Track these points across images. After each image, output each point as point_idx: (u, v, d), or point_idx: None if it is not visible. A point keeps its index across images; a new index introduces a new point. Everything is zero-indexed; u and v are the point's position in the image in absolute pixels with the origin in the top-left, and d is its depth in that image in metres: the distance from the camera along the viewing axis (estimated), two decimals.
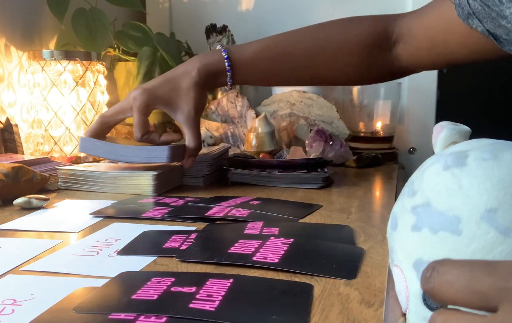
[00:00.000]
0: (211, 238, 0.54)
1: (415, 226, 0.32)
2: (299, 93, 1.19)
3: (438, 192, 0.31)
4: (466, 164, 0.31)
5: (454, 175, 0.31)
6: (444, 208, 0.31)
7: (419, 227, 0.32)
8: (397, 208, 0.36)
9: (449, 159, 0.32)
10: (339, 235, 0.56)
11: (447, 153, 0.33)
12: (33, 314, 0.35)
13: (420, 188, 0.33)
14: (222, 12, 1.45)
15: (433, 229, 0.31)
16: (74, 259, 0.48)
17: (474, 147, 0.32)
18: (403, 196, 0.36)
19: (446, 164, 0.32)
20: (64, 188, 0.83)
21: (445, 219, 0.30)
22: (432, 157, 0.35)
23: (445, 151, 0.34)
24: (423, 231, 0.32)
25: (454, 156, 0.32)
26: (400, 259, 0.34)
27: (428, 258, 0.31)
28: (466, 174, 0.31)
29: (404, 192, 0.36)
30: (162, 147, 0.78)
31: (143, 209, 0.67)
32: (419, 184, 0.34)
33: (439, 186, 0.32)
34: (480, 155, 0.31)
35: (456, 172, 0.31)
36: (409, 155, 1.35)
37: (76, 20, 1.10)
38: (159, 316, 0.34)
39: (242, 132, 1.20)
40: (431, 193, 0.32)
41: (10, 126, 0.99)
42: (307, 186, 0.84)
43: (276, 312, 0.35)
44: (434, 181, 0.32)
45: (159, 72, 1.16)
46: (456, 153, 0.32)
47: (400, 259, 0.34)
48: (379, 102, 1.20)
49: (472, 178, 0.30)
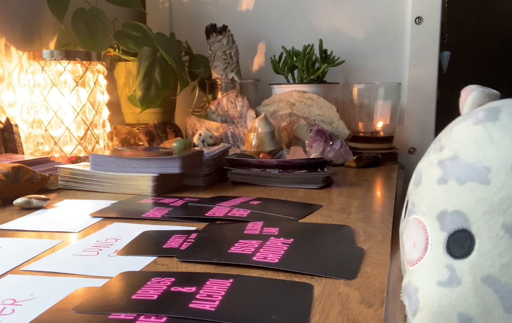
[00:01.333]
0: (211, 238, 0.54)
1: (441, 179, 0.32)
2: (299, 93, 1.19)
3: (467, 146, 0.31)
4: (498, 118, 0.31)
5: (485, 128, 0.31)
6: (473, 160, 0.30)
7: (445, 180, 0.32)
8: (422, 164, 0.35)
9: (480, 114, 0.32)
10: (339, 235, 0.55)
11: (479, 109, 0.32)
12: (33, 314, 0.35)
13: (448, 142, 0.33)
14: (222, 12, 1.45)
15: (460, 180, 0.31)
16: (74, 259, 0.48)
17: (507, 103, 0.32)
18: (429, 153, 0.35)
19: (478, 118, 0.31)
20: (64, 188, 0.83)
21: (473, 170, 0.30)
22: (461, 116, 0.35)
23: (477, 109, 0.34)
24: (450, 183, 0.31)
25: (486, 111, 0.32)
26: (424, 211, 0.33)
27: (453, 209, 0.31)
28: (498, 127, 0.30)
29: (431, 149, 0.35)
30: (174, 157, 0.79)
31: (143, 209, 0.67)
32: (447, 139, 0.33)
33: (469, 140, 0.31)
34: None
35: (488, 125, 0.31)
36: (409, 155, 1.35)
37: (76, 20, 1.10)
38: (159, 316, 0.34)
39: (242, 132, 1.20)
40: (459, 146, 0.32)
41: (10, 126, 0.99)
42: (307, 186, 0.84)
43: (276, 312, 0.35)
44: (464, 135, 0.32)
45: (159, 72, 1.16)
46: (489, 108, 0.32)
47: (424, 212, 0.33)
48: (379, 102, 1.20)
49: (504, 132, 0.30)
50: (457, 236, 0.30)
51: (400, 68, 1.34)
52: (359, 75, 1.37)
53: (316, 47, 1.24)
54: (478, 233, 0.30)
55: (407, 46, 1.32)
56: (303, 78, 1.23)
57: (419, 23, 1.29)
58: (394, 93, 1.20)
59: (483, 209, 0.29)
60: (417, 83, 1.32)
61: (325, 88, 1.22)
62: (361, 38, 1.36)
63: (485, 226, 0.29)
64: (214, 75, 1.27)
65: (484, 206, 0.29)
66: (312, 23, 1.39)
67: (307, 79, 1.22)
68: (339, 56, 1.26)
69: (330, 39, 1.33)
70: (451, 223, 0.31)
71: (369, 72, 1.36)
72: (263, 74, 1.42)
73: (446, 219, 0.30)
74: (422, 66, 1.31)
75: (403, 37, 1.33)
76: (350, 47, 1.36)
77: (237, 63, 1.28)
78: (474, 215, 0.30)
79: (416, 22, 1.29)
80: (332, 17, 1.38)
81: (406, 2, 1.31)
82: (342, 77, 1.37)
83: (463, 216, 0.30)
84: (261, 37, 1.44)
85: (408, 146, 1.35)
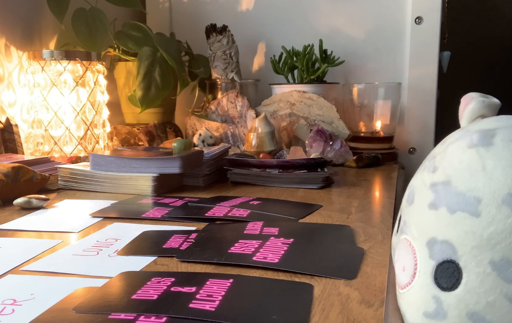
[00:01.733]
0: (211, 238, 0.54)
1: (432, 203, 0.31)
2: (299, 93, 1.19)
3: (460, 171, 0.30)
4: (492, 143, 0.30)
5: (479, 154, 0.30)
6: (464, 188, 0.30)
7: (436, 206, 0.31)
8: (416, 182, 0.35)
9: (475, 137, 0.31)
10: (339, 235, 0.55)
11: (473, 130, 0.31)
12: (33, 314, 0.35)
13: (441, 164, 0.32)
14: (222, 12, 1.45)
15: (450, 209, 0.30)
16: (74, 259, 0.48)
17: (503, 125, 0.31)
18: (423, 170, 0.34)
19: (472, 141, 0.31)
20: (64, 188, 0.83)
21: (464, 199, 0.29)
22: (458, 131, 0.34)
23: (472, 126, 0.33)
24: (440, 210, 0.31)
25: (481, 134, 0.30)
26: (414, 235, 0.33)
27: (443, 238, 0.30)
28: (492, 155, 0.29)
29: (425, 166, 0.35)
30: (174, 157, 0.79)
31: (143, 209, 0.67)
32: (441, 160, 0.32)
33: (462, 165, 0.30)
34: (509, 135, 0.30)
35: (482, 151, 0.30)
36: (409, 155, 1.35)
37: (76, 20, 1.10)
38: (159, 316, 0.34)
39: (242, 132, 1.20)
40: (452, 171, 0.31)
41: (10, 126, 0.99)
42: (307, 186, 0.84)
43: (276, 312, 0.35)
44: (457, 159, 0.31)
45: (159, 72, 1.16)
46: (483, 131, 0.31)
47: (414, 235, 0.33)
48: (379, 102, 1.20)
49: (497, 160, 0.29)
50: (445, 267, 0.30)
51: (400, 68, 1.34)
52: (359, 75, 1.37)
53: (316, 47, 1.24)
54: (466, 267, 0.29)
55: (407, 46, 1.32)
56: (303, 78, 1.23)
57: (419, 23, 1.29)
58: (394, 93, 1.20)
59: (472, 243, 0.29)
60: (417, 83, 1.32)
61: (325, 88, 1.22)
62: (361, 38, 1.36)
63: (473, 261, 0.29)
64: (214, 75, 1.27)
65: (473, 240, 0.28)
66: (312, 23, 1.39)
67: (307, 79, 1.22)
68: (339, 56, 1.26)
69: (330, 39, 1.33)
70: (440, 253, 0.31)
71: (369, 72, 1.36)
72: (263, 74, 1.42)
73: (435, 247, 0.30)
74: (422, 66, 1.31)
75: (403, 37, 1.33)
76: (350, 47, 1.36)
77: (237, 63, 1.28)
78: (462, 248, 0.29)
79: (416, 22, 1.29)
80: (332, 17, 1.38)
81: (406, 2, 1.31)
82: (342, 77, 1.37)
83: (452, 248, 0.30)
84: (261, 37, 1.44)
85: (408, 146, 1.35)
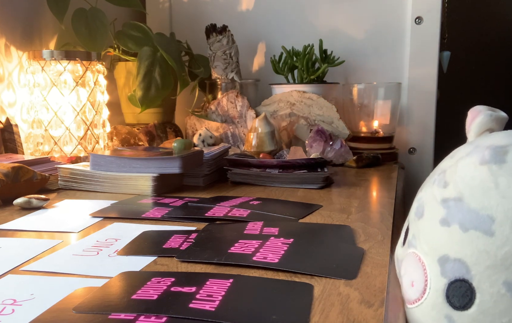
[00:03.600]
0: (211, 238, 0.54)
1: (444, 220, 0.31)
2: (299, 93, 1.19)
3: (472, 188, 0.30)
4: (505, 161, 0.29)
5: (491, 171, 0.30)
6: (477, 206, 0.29)
7: (448, 222, 0.31)
8: (425, 195, 0.34)
9: (487, 153, 0.30)
10: (339, 235, 0.55)
11: (485, 145, 0.31)
12: (33, 314, 0.35)
13: (452, 179, 0.32)
14: (222, 12, 1.45)
15: (463, 226, 0.30)
16: (74, 259, 0.48)
17: None
18: (433, 184, 0.34)
19: (484, 158, 0.30)
20: (64, 188, 0.83)
21: (478, 217, 0.29)
22: (467, 146, 0.33)
23: (482, 141, 0.32)
24: (453, 227, 0.30)
25: (493, 150, 0.30)
26: (425, 250, 0.33)
27: (455, 256, 0.30)
28: (505, 172, 0.29)
29: (434, 180, 0.34)
30: (174, 157, 0.79)
31: (143, 209, 0.67)
32: (452, 175, 0.32)
33: (474, 182, 0.30)
34: None
35: (494, 168, 0.30)
36: (409, 155, 1.35)
37: (76, 20, 1.10)
38: (159, 316, 0.34)
39: (242, 132, 1.20)
40: (464, 187, 0.31)
41: (10, 126, 0.99)
42: (307, 186, 0.84)
43: (276, 312, 0.35)
44: (469, 175, 0.31)
45: (159, 72, 1.16)
46: (495, 147, 0.30)
47: (425, 251, 0.33)
48: (379, 102, 1.20)
49: (510, 178, 0.29)
50: (458, 285, 0.30)
51: (400, 68, 1.34)
52: (359, 75, 1.37)
53: (316, 47, 1.24)
54: (479, 287, 0.29)
55: (407, 46, 1.32)
56: (303, 78, 1.23)
57: (419, 23, 1.29)
58: (394, 93, 1.20)
59: (485, 262, 0.29)
60: (417, 83, 1.32)
61: (325, 88, 1.22)
62: (361, 38, 1.36)
63: (487, 281, 0.29)
64: (214, 75, 1.27)
65: (487, 260, 0.28)
66: (312, 23, 1.39)
67: (307, 79, 1.22)
68: (339, 56, 1.26)
69: (330, 39, 1.33)
70: (452, 271, 0.30)
71: (369, 72, 1.36)
72: (263, 74, 1.42)
73: (447, 265, 0.29)
74: (422, 66, 1.31)
75: (403, 37, 1.33)
76: (350, 47, 1.36)
77: (237, 63, 1.28)
78: (476, 267, 0.29)
79: (416, 22, 1.29)
80: (332, 17, 1.38)
81: (406, 2, 1.31)
82: (342, 77, 1.37)
83: (465, 266, 0.30)
84: (261, 37, 1.44)
85: (408, 146, 1.35)
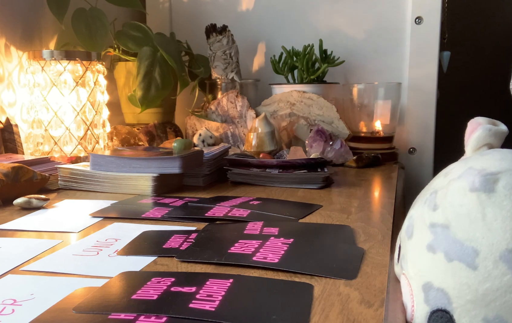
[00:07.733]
0: (211, 238, 0.54)
1: (430, 246, 0.31)
2: (299, 93, 1.19)
3: (460, 216, 0.30)
4: (494, 190, 0.29)
5: (480, 200, 0.29)
6: (463, 236, 0.29)
7: (434, 249, 0.31)
8: (416, 214, 0.34)
9: (477, 181, 0.30)
10: (339, 235, 0.55)
11: (476, 170, 0.31)
12: (33, 314, 0.35)
13: (442, 203, 0.32)
14: (222, 12, 1.45)
15: (448, 256, 0.30)
16: (74, 259, 0.48)
17: (506, 168, 0.30)
18: (424, 204, 0.34)
19: (474, 185, 0.30)
20: (64, 188, 0.83)
21: (462, 249, 0.29)
22: (461, 166, 0.33)
23: (476, 162, 0.32)
24: (438, 255, 0.31)
25: (483, 178, 0.30)
26: (411, 274, 0.33)
27: (439, 285, 0.30)
28: (493, 203, 0.29)
29: (426, 199, 0.34)
30: (174, 157, 0.79)
31: (143, 209, 0.67)
32: (442, 198, 0.32)
33: (462, 210, 0.30)
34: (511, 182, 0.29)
35: (483, 198, 0.29)
36: (409, 155, 1.35)
37: (76, 20, 1.10)
38: (159, 316, 0.34)
39: (242, 132, 1.20)
40: (452, 215, 0.30)
41: (10, 126, 0.99)
42: (307, 186, 0.84)
43: (276, 312, 0.35)
44: (458, 202, 0.30)
45: (159, 72, 1.16)
46: (486, 174, 0.30)
47: (411, 274, 0.33)
48: (379, 102, 1.20)
49: (497, 209, 0.29)
50: (439, 315, 0.30)
51: (400, 68, 1.34)
52: (359, 75, 1.37)
53: (316, 47, 1.24)
54: (459, 321, 0.29)
55: (407, 46, 1.32)
56: (303, 78, 1.23)
57: (419, 23, 1.29)
58: (394, 93, 1.20)
59: (467, 296, 0.29)
60: (417, 83, 1.32)
61: (325, 88, 1.22)
62: (361, 38, 1.36)
63: (466, 316, 0.29)
64: (214, 75, 1.27)
65: (468, 294, 0.28)
66: (312, 23, 1.39)
67: (307, 79, 1.22)
68: (339, 56, 1.26)
69: (330, 39, 1.33)
70: (435, 300, 0.31)
71: (369, 72, 1.36)
72: (263, 74, 1.42)
73: (430, 293, 0.30)
74: (422, 66, 1.31)
75: (403, 37, 1.33)
76: (350, 47, 1.36)
77: (237, 63, 1.28)
78: (457, 300, 0.29)
79: (416, 22, 1.29)
80: (332, 17, 1.38)
81: (406, 2, 1.31)
82: (342, 77, 1.37)
83: (447, 298, 0.30)
84: (261, 37, 1.44)
85: (408, 146, 1.35)
